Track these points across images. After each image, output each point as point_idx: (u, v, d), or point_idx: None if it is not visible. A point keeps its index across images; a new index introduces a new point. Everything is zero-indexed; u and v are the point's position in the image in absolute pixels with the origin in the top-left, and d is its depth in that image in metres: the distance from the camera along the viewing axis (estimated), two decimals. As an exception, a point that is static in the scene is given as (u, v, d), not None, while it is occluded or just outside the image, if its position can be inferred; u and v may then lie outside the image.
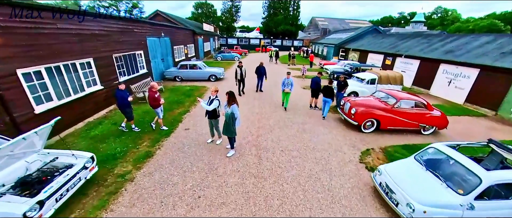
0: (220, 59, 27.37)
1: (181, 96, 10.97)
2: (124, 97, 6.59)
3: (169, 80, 14.57)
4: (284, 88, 9.05)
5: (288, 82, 8.90)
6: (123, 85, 6.72)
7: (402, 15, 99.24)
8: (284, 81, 9.02)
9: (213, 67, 15.47)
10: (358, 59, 23.09)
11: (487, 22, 67.10)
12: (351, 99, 8.10)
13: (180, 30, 19.18)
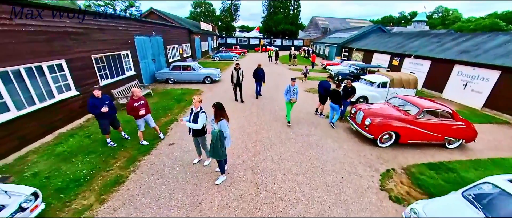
0: (217, 59, 26.26)
1: (170, 101, 9.86)
2: (95, 105, 5.49)
3: (161, 82, 13.47)
4: (290, 98, 7.37)
5: (294, 90, 7.39)
6: (98, 91, 5.61)
7: (403, 14, 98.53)
8: (288, 89, 7.40)
9: (209, 69, 14.37)
10: (362, 59, 21.99)
11: (489, 22, 66.60)
12: (363, 107, 7.00)
13: (174, 29, 18.07)
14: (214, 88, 12.52)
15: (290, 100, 7.38)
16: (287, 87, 7.45)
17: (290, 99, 7.36)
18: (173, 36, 17.58)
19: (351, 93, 7.83)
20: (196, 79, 13.31)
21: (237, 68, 9.40)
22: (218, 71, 14.01)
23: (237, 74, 9.36)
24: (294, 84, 7.37)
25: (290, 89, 7.36)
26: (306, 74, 15.21)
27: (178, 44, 18.80)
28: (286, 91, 7.47)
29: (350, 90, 7.82)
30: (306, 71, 15.22)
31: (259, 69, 10.28)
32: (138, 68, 11.84)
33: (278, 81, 14.86)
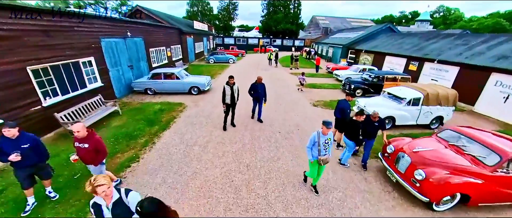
0: (212, 62, 24.04)
1: (141, 123, 7.65)
2: (2, 151, 3.41)
3: (139, 93, 11.26)
4: (318, 157, 4.07)
5: (327, 143, 4.03)
6: (10, 129, 3.44)
7: (404, 14, 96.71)
8: (314, 138, 4.06)
9: (197, 76, 12.14)
10: (371, 62, 19.79)
11: (492, 21, 65.35)
12: (406, 145, 4.79)
13: (161, 29, 15.82)
14: (202, 101, 10.31)
15: (319, 160, 4.06)
16: (314, 136, 4.06)
17: (319, 158, 4.06)
18: (159, 37, 15.35)
19: (377, 129, 5.20)
20: (181, 89, 11.10)
21: (231, 83, 6.81)
22: (208, 79, 11.78)
23: (231, 91, 6.82)
24: (327, 131, 3.95)
25: (319, 139, 4.01)
26: (302, 82, 12.90)
27: (166, 46, 16.56)
28: (312, 143, 4.08)
29: (377, 125, 5.16)
30: (302, 80, 12.91)
31: (259, 84, 7.49)
32: (107, 77, 9.62)
33: (280, 90, 12.64)
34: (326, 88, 13.78)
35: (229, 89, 6.82)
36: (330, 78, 17.38)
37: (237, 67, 21.44)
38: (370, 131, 5.13)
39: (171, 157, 5.55)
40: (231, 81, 6.82)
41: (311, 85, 14.18)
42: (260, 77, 7.55)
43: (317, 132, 4.07)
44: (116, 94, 10.27)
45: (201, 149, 5.94)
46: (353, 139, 5.14)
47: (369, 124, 5.13)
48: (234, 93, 6.89)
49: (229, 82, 6.84)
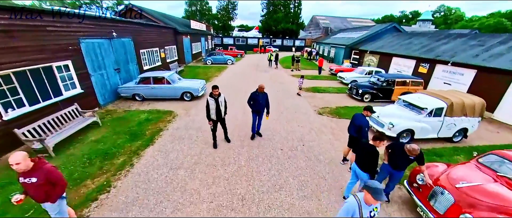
0: (210, 63, 23.03)
1: (122, 137, 6.65)
2: None
3: (127, 99, 10.26)
4: None
5: (372, 215, 2.51)
6: None
7: (404, 14, 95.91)
8: (352, 213, 2.47)
9: (190, 80, 11.11)
10: (377, 64, 18.78)
11: (494, 21, 64.90)
12: (444, 177, 3.78)
13: (153, 28, 14.80)
14: (194, 108, 9.30)
15: None
16: (350, 208, 2.50)
17: None
18: (151, 37, 14.34)
19: (411, 162, 3.86)
20: (172, 95, 10.10)
21: (215, 94, 5.51)
22: (202, 84, 10.76)
23: (215, 104, 5.57)
24: (375, 202, 2.37)
25: (360, 213, 2.44)
26: (300, 86, 11.98)
27: (159, 47, 15.55)
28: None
29: (413, 159, 3.79)
30: (300, 84, 11.90)
31: (260, 94, 6.15)
32: (88, 82, 8.62)
33: (280, 94, 11.62)
34: (331, 92, 12.77)
35: (214, 102, 5.51)
36: (333, 80, 16.38)
37: (235, 68, 20.44)
38: (400, 163, 3.90)
39: (150, 185, 4.55)
40: (215, 92, 5.48)
41: (314, 89, 13.18)
42: (262, 86, 6.21)
43: (355, 200, 2.49)
44: (100, 101, 9.27)
45: (187, 173, 4.94)
46: (367, 169, 3.78)
47: (400, 155, 3.82)
48: (220, 106, 5.61)
49: (213, 93, 5.48)
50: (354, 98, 11.46)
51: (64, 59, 7.51)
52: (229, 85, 13.44)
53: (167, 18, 21.65)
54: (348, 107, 10.04)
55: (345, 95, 12.29)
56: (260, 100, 6.15)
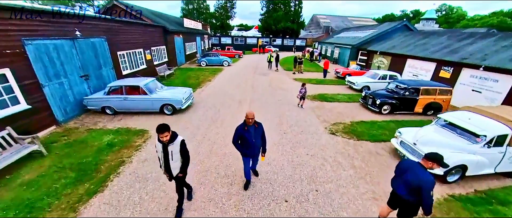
0: (204, 65, 21.17)
1: (65, 176, 4.81)
2: None
3: (96, 113, 8.42)
4: None
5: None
6: None
7: (405, 13, 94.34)
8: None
9: (173, 89, 9.20)
10: (388, 66, 16.94)
11: (497, 20, 63.82)
12: None
13: (135, 27, 12.91)
14: (175, 126, 7.44)
15: None
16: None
17: None
18: (133, 36, 12.47)
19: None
20: (149, 108, 8.24)
21: (164, 139, 3.14)
22: (187, 93, 8.88)
23: (163, 152, 3.31)
24: None
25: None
26: (303, 96, 9.41)
27: (144, 48, 13.68)
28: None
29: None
30: (303, 94, 9.30)
31: (251, 128, 3.90)
32: (39, 96, 6.77)
33: (282, 106, 9.76)
34: (341, 101, 10.92)
35: (161, 149, 3.29)
36: (341, 85, 14.54)
37: (231, 71, 18.57)
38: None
39: None
40: (164, 137, 3.11)
41: (321, 97, 11.32)
42: (250, 115, 3.77)
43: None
44: (58, 117, 7.41)
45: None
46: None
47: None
48: (169, 156, 3.28)
49: (161, 138, 3.12)
50: (370, 109, 9.61)
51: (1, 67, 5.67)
52: (221, 92, 11.58)
53: (157, 16, 19.78)
54: (366, 122, 8.20)
55: (358, 105, 10.45)
56: (252, 139, 3.88)
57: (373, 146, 6.44)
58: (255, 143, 3.94)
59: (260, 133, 4.03)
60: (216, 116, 8.19)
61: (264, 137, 4.15)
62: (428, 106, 9.47)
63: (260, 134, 4.03)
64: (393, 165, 5.43)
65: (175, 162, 3.38)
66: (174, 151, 3.29)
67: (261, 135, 4.05)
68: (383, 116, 9.14)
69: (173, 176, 3.50)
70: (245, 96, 10.80)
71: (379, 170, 5.27)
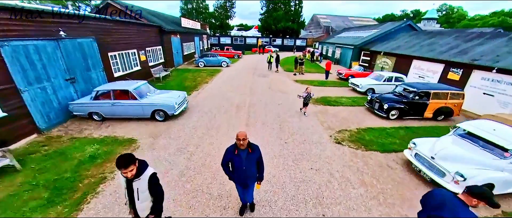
0: (202, 66, 20.57)
1: (36, 197, 4.22)
2: None
3: (83, 119, 7.83)
4: None
5: None
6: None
7: (405, 13, 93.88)
8: None
9: (166, 93, 8.60)
10: (392, 67, 16.35)
11: (498, 20, 63.74)
12: None
13: (129, 26, 12.30)
14: (165, 134, 6.85)
15: None
16: None
17: None
18: (126, 37, 11.86)
19: None
20: (139, 114, 7.64)
21: (128, 175, 2.35)
22: (180, 98, 8.27)
23: (126, 189, 2.54)
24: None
25: None
26: (306, 102, 8.40)
27: (138, 48, 13.08)
28: None
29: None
30: (307, 97, 8.27)
31: (243, 153, 3.09)
32: (17, 101, 6.18)
33: (283, 111, 9.16)
34: (345, 104, 10.32)
35: (125, 185, 2.55)
36: (344, 87, 13.94)
37: (230, 72, 17.98)
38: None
39: None
40: (128, 172, 2.34)
41: (324, 100, 10.73)
42: (241, 135, 3.00)
43: None
44: (40, 124, 6.82)
45: None
46: None
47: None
48: (134, 195, 2.52)
49: (124, 173, 2.37)
50: (377, 114, 9.02)
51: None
52: (218, 95, 10.97)
53: (154, 16, 19.17)
54: (373, 129, 7.61)
55: (364, 109, 9.86)
56: (243, 166, 3.11)
57: (383, 158, 5.85)
58: (246, 172, 3.14)
59: (255, 159, 3.18)
60: (211, 123, 7.59)
61: (262, 163, 3.31)
62: (438, 111, 8.87)
63: (254, 161, 3.18)
64: (408, 182, 4.85)
65: (142, 203, 2.54)
66: (140, 189, 2.48)
67: (256, 162, 3.21)
68: (391, 121, 8.54)
69: None
70: (243, 99, 10.20)
71: (392, 187, 4.67)
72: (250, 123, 7.55)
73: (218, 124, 7.42)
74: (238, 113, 8.50)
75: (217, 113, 8.48)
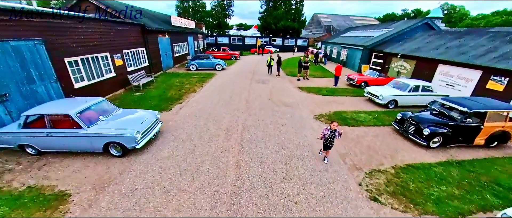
0: (194, 69, 18.35)
1: None
2: None
3: (15, 152, 5.63)
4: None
5: None
6: None
7: (406, 12, 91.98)
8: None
9: (128, 115, 6.31)
10: (411, 72, 14.17)
11: (501, 20, 62.54)
12: None
13: (97, 24, 10.02)
14: (115, 188, 4.65)
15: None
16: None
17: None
18: (94, 37, 9.64)
19: None
20: (87, 148, 5.42)
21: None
22: (147, 122, 6.04)
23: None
24: None
25: None
26: (330, 144, 5.18)
27: (111, 51, 10.86)
28: None
29: None
30: (331, 137, 5.04)
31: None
32: None
33: (288, 141, 6.95)
34: (366, 123, 8.12)
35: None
36: (357, 96, 11.78)
37: (224, 76, 15.77)
38: None
39: None
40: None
41: (339, 117, 8.54)
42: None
43: None
44: None
45: None
46: None
47: None
48: None
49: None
50: (412, 139, 6.84)
51: None
52: (205, 111, 8.76)
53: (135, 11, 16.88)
54: (415, 167, 5.44)
55: (390, 130, 7.68)
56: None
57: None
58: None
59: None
60: (187, 161, 5.37)
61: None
62: (493, 136, 6.71)
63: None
64: None
65: None
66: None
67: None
68: (433, 152, 6.38)
69: None
70: (236, 118, 7.99)
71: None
72: (243, 162, 5.34)
73: (195, 165, 5.22)
74: (227, 141, 6.30)
75: (199, 141, 6.27)
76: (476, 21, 73.82)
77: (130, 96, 10.51)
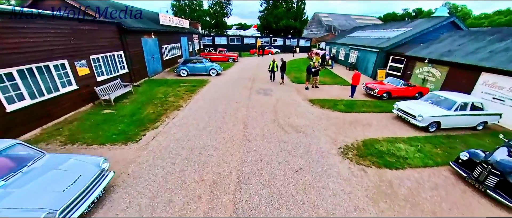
0: (184, 75, 15.97)
1: None
2: None
3: None
4: None
5: None
6: None
7: (407, 11, 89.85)
8: None
9: (54, 170, 3.91)
10: (442, 81, 11.81)
11: (505, 19, 61.00)
12: None
13: (50, 22, 7.63)
14: None
15: None
16: None
17: None
18: (40, 40, 7.24)
19: None
20: None
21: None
22: (82, 182, 3.68)
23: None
24: None
25: None
26: None
27: (71, 58, 8.47)
28: None
29: None
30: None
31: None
32: None
33: (308, 203, 4.62)
34: (412, 162, 5.77)
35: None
36: (382, 112, 9.44)
37: (218, 84, 13.39)
38: None
39: None
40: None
41: (372, 149, 6.17)
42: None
43: None
44: None
45: None
46: None
47: None
48: None
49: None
50: (494, 197, 4.49)
51: None
52: (186, 144, 6.37)
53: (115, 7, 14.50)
54: None
55: (450, 174, 5.33)
56: None
57: None
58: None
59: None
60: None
61: None
62: None
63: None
64: None
65: None
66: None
67: None
68: (538, 223, 4.03)
69: None
70: (229, 158, 5.60)
71: None
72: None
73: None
74: (211, 209, 3.92)
75: (165, 213, 3.89)
76: (479, 21, 72.21)
77: (94, 116, 8.13)
